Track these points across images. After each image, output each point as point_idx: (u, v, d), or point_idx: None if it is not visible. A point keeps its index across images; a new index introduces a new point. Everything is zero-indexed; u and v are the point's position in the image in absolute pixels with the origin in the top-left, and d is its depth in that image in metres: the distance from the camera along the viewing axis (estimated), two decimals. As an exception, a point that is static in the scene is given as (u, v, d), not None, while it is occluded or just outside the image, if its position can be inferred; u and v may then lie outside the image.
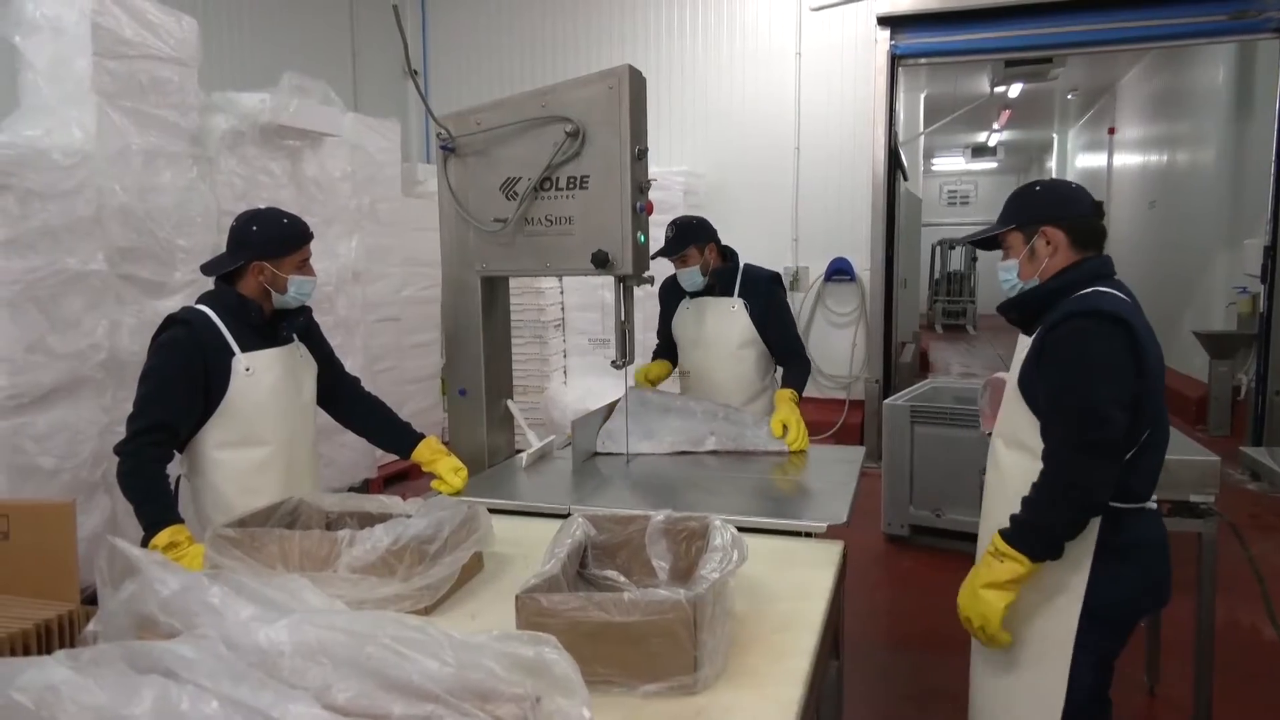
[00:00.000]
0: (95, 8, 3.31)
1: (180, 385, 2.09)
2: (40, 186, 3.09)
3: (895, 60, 6.27)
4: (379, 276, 5.39)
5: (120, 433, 3.45)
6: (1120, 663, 1.71)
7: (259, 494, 2.10)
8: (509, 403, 2.84)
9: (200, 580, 1.13)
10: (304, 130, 4.35)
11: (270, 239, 2.22)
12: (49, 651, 1.23)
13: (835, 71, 6.38)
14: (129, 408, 3.47)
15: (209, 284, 3.86)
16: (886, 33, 6.21)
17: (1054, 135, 16.13)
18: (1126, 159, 11.47)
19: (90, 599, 1.42)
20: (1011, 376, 1.89)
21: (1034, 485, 1.70)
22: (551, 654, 1.02)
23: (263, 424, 2.21)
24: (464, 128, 2.58)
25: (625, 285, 2.55)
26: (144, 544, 1.98)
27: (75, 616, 1.44)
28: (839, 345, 6.62)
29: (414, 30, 7.25)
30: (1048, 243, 1.81)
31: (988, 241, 1.93)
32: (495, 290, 2.78)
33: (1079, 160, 15.09)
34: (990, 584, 1.69)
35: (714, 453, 2.76)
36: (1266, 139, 6.04)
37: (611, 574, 1.73)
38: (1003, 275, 1.92)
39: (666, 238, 3.09)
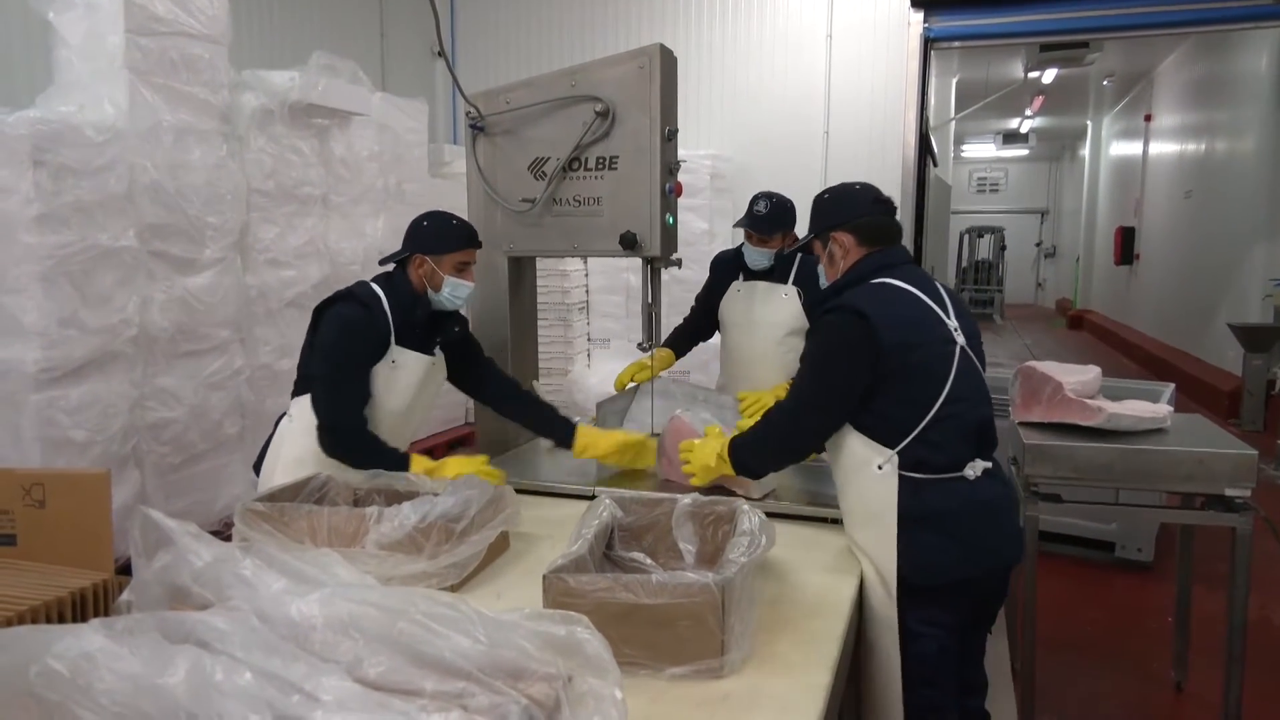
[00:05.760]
0: (128, -16, 3.32)
1: (359, 361, 2.21)
2: (73, 162, 3.12)
3: (928, 43, 6.16)
4: (405, 256, 5.39)
5: (151, 407, 3.53)
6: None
7: (338, 472, 2.17)
8: (534, 384, 2.84)
9: (233, 552, 1.14)
10: (332, 109, 4.35)
11: (434, 234, 2.31)
12: (83, 619, 1.25)
13: (866, 54, 6.29)
14: (159, 383, 3.56)
15: (237, 261, 3.91)
16: (920, 15, 6.10)
17: (1088, 122, 15.83)
18: (1163, 147, 11.24)
19: (123, 569, 1.44)
20: None
21: (759, 423, 2.05)
22: (583, 633, 1.01)
23: (376, 414, 2.26)
24: (493, 106, 2.56)
25: (653, 267, 2.53)
26: None
27: (109, 586, 1.45)
28: (864, 332, 6.57)
29: (443, 9, 7.23)
30: (840, 246, 2.02)
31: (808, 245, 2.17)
32: (522, 271, 2.77)
33: (1113, 148, 14.81)
34: (709, 469, 2.13)
35: None
36: (1310, 127, 5.89)
37: (637, 556, 1.73)
38: (821, 279, 2.17)
39: (756, 211, 2.95)
